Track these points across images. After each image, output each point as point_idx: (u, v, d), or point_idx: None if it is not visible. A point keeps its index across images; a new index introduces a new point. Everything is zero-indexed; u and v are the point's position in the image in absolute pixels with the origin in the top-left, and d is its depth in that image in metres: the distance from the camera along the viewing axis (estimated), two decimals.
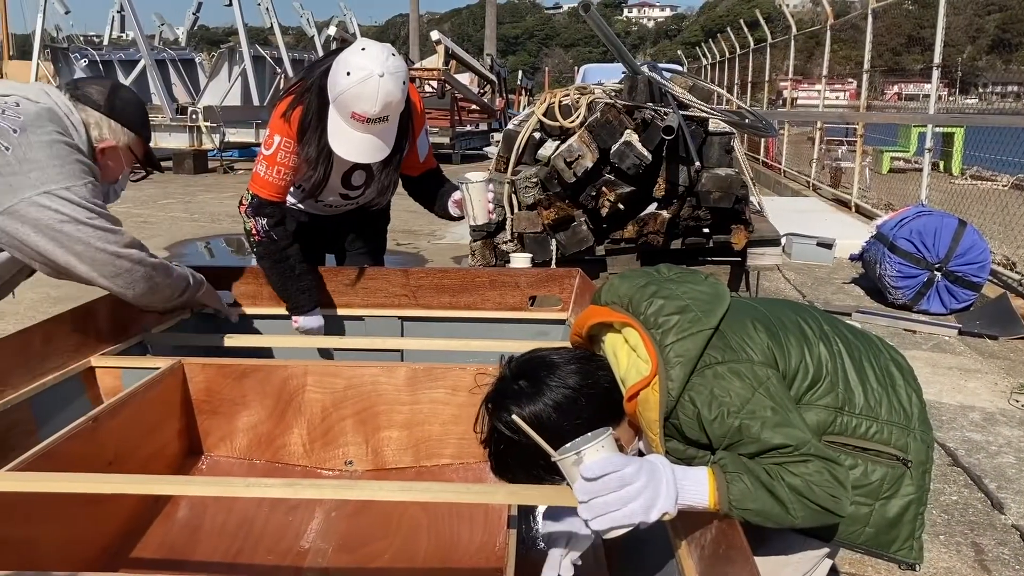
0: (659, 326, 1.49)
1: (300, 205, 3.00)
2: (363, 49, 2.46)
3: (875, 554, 1.62)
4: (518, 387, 1.56)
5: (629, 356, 1.54)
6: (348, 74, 2.41)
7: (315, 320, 2.79)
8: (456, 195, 2.85)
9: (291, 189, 2.93)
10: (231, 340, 2.65)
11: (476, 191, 2.75)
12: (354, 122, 2.47)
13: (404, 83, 2.47)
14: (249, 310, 2.88)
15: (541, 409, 1.51)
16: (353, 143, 2.51)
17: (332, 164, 2.65)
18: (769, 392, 1.42)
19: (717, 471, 1.35)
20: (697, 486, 1.34)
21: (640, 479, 1.29)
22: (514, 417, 1.46)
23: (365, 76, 2.38)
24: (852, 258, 7.28)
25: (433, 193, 2.98)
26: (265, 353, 2.72)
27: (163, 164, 15.91)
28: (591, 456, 1.31)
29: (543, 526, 1.74)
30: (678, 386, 1.44)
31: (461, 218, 2.90)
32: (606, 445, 1.32)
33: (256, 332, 2.81)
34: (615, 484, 1.28)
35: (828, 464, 1.37)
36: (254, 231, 2.70)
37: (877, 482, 1.55)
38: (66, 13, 17.67)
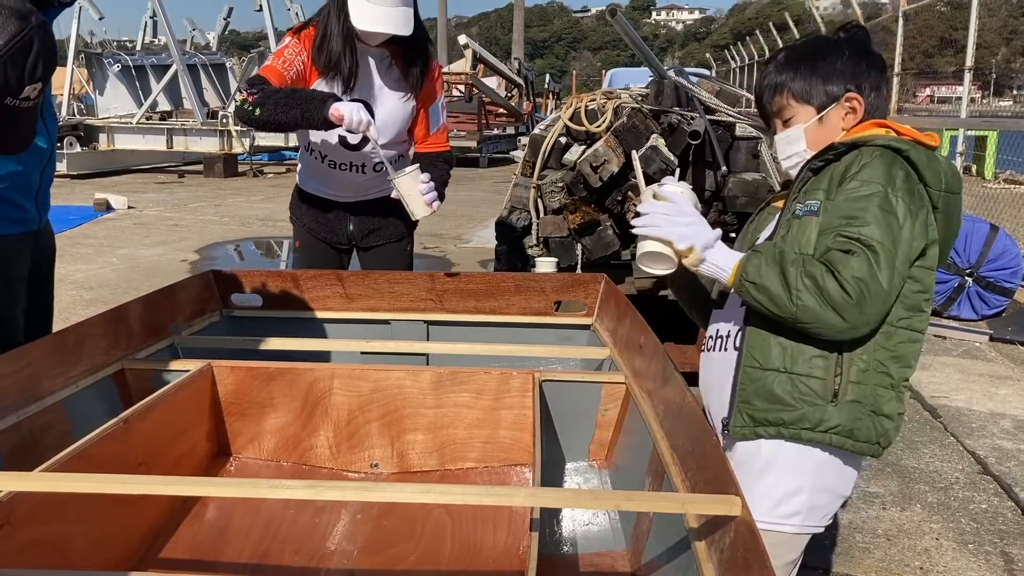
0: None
1: (321, 188, 3.07)
2: None
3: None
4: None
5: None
6: None
7: (350, 103, 2.60)
8: (393, 192, 2.76)
9: (308, 177, 3.05)
10: (259, 343, 2.68)
11: (405, 183, 2.66)
12: None
13: None
14: (277, 313, 2.92)
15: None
16: (375, 14, 2.62)
17: (357, 59, 2.75)
18: (909, 220, 1.49)
19: (748, 253, 1.56)
20: (728, 259, 1.57)
21: (691, 217, 1.59)
22: None
23: None
24: None
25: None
26: (293, 356, 2.75)
27: (193, 168, 16.13)
28: (669, 187, 1.65)
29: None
30: (908, 148, 1.53)
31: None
32: (685, 190, 1.66)
33: (284, 335, 2.84)
34: (670, 210, 1.60)
35: (874, 269, 1.44)
36: (247, 95, 2.63)
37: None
38: (100, 19, 17.87)
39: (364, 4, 2.64)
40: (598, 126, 4.48)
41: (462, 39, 20.09)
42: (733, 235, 4.46)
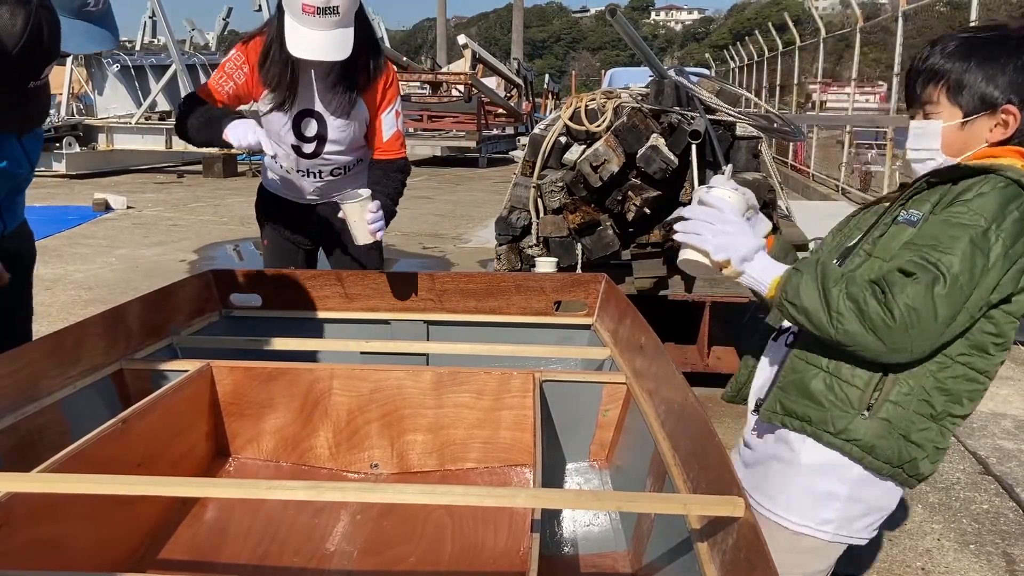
0: None
1: (282, 190, 3.08)
2: None
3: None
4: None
5: None
6: None
7: (240, 124, 2.60)
8: (340, 214, 2.71)
9: (272, 174, 3.06)
10: (258, 343, 2.68)
11: (352, 211, 2.62)
12: (306, 17, 2.52)
13: None
14: (276, 313, 2.91)
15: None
16: (308, 40, 2.56)
17: (296, 80, 2.71)
18: (1008, 267, 1.41)
19: (790, 269, 1.50)
20: (771, 269, 1.52)
21: (732, 227, 1.53)
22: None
23: None
24: None
25: (370, 185, 2.84)
26: (292, 356, 2.74)
27: (193, 168, 16.11)
28: (716, 191, 1.58)
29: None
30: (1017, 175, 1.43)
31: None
32: (734, 195, 1.58)
33: (283, 335, 2.83)
34: (713, 218, 1.54)
35: (932, 300, 1.36)
36: (177, 112, 2.78)
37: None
38: None
39: (298, 28, 2.58)
40: (598, 126, 4.47)
41: (461, 39, 20.10)
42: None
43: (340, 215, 2.71)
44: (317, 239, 3.21)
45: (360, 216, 2.63)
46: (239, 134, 2.58)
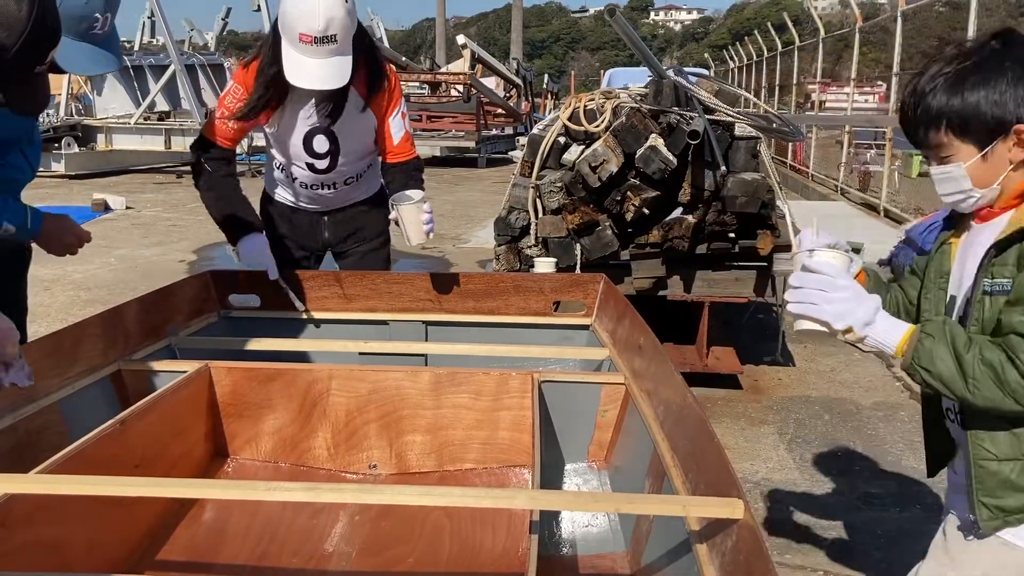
0: None
1: (290, 196, 3.05)
2: None
3: None
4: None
5: None
6: None
7: (253, 243, 2.75)
8: (392, 213, 2.78)
9: (276, 183, 3.04)
10: (257, 344, 2.67)
11: (408, 212, 2.69)
12: (303, 45, 2.50)
13: (347, 1, 2.50)
14: (275, 314, 2.91)
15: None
16: (306, 70, 2.54)
17: (284, 102, 2.69)
18: None
19: (917, 329, 1.48)
20: (893, 330, 1.49)
21: (846, 292, 1.49)
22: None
23: None
24: (881, 263, 7.17)
25: (395, 190, 2.89)
26: (291, 357, 2.74)
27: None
28: (820, 256, 1.53)
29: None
30: None
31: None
32: (838, 256, 1.54)
33: (282, 336, 2.83)
34: (824, 285, 1.50)
35: None
36: (195, 164, 2.79)
37: None
38: None
39: (296, 57, 2.54)
40: (597, 126, 4.47)
41: (460, 39, 20.11)
42: (732, 234, 4.49)
43: (392, 216, 2.78)
44: (327, 245, 3.20)
45: (416, 217, 2.69)
46: (249, 256, 2.77)
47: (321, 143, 2.80)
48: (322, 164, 2.87)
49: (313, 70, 2.53)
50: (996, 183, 1.50)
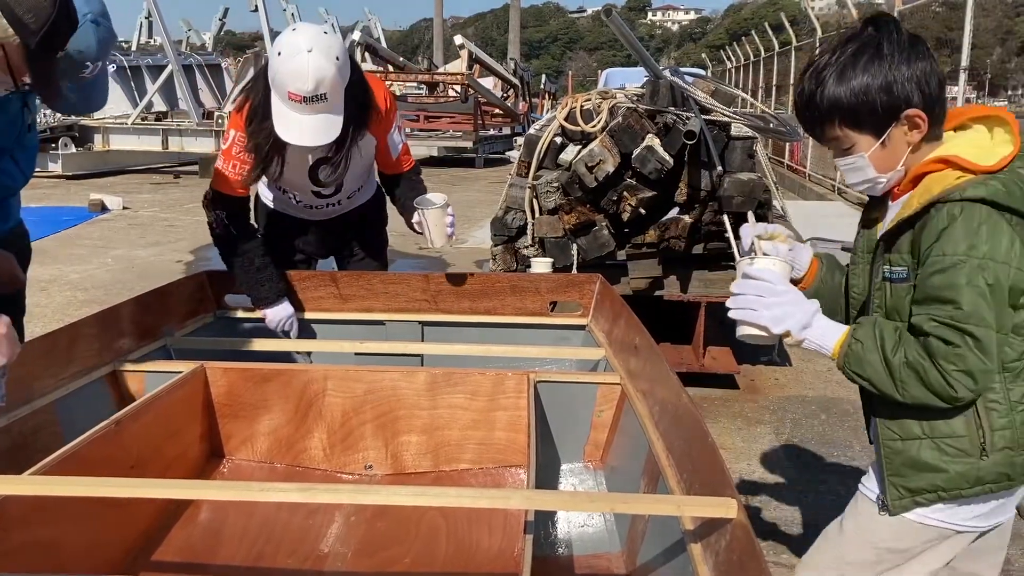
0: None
1: (290, 211, 3.02)
2: (294, 29, 2.46)
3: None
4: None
5: (980, 148, 1.51)
6: (279, 54, 2.41)
7: (283, 311, 2.79)
8: (415, 216, 2.80)
9: (271, 193, 2.98)
10: (252, 344, 2.67)
11: (433, 216, 2.72)
12: (293, 103, 2.45)
13: (338, 59, 2.43)
14: None
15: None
16: (296, 127, 2.49)
17: (283, 152, 2.63)
18: (1007, 274, 1.43)
19: (849, 334, 1.51)
20: (830, 333, 1.53)
21: (784, 297, 1.53)
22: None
23: (294, 53, 2.38)
24: None
25: (404, 198, 2.92)
26: (286, 357, 2.74)
27: (189, 168, 16.09)
28: (759, 263, 1.57)
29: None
30: (983, 194, 1.42)
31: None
32: (777, 262, 1.57)
33: (277, 336, 2.83)
34: (763, 291, 1.53)
35: (975, 356, 1.39)
36: (213, 224, 2.74)
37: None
38: None
39: (286, 112, 2.48)
40: (593, 126, 4.47)
41: (458, 40, 20.11)
42: (729, 235, 4.49)
43: (415, 219, 2.80)
44: (330, 249, 3.20)
45: (440, 220, 2.73)
46: (275, 321, 2.79)
47: (326, 172, 2.78)
48: (328, 190, 2.88)
49: (303, 126, 2.48)
50: (899, 165, 1.55)
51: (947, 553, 1.63)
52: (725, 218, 4.02)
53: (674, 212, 4.54)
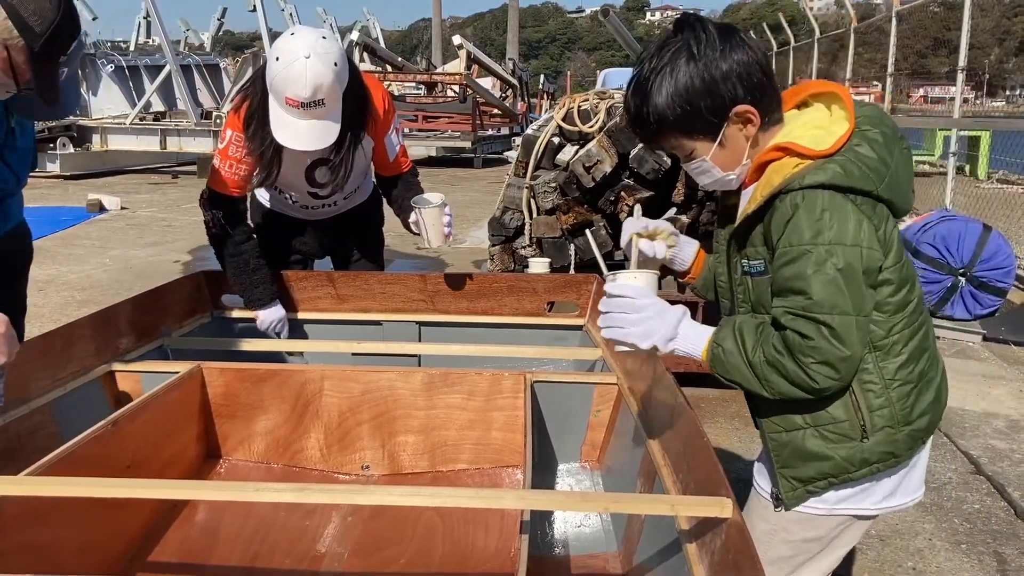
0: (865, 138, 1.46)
1: (286, 211, 3.02)
2: (292, 34, 2.46)
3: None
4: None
5: (818, 128, 1.50)
6: (277, 59, 2.41)
7: (275, 313, 2.79)
8: (412, 216, 2.79)
9: (267, 193, 2.98)
10: (249, 345, 2.67)
11: (430, 215, 2.71)
12: (290, 108, 2.45)
13: (336, 64, 2.42)
14: None
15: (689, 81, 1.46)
16: (293, 130, 2.49)
17: (281, 155, 2.63)
18: (858, 256, 1.41)
19: (712, 339, 1.52)
20: (696, 339, 1.54)
21: (646, 312, 1.53)
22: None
23: (292, 59, 2.37)
24: None
25: (401, 199, 2.92)
26: (283, 358, 2.74)
27: (187, 168, 16.08)
28: (621, 279, 1.57)
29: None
30: (823, 179, 1.41)
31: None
32: (641, 278, 1.57)
33: (274, 337, 2.83)
34: (627, 308, 1.54)
35: (831, 345, 1.39)
36: (209, 223, 2.74)
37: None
38: (93, 19, 17.83)
39: (283, 116, 2.48)
40: (591, 126, 4.47)
41: (456, 40, 20.09)
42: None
43: (412, 219, 2.78)
44: (327, 249, 3.20)
45: (437, 219, 2.71)
46: (267, 322, 2.79)
47: (323, 173, 2.78)
48: (325, 191, 2.88)
49: (300, 130, 2.48)
50: (744, 159, 1.54)
51: (858, 535, 1.66)
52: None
53: (671, 212, 4.54)
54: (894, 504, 1.62)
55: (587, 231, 4.35)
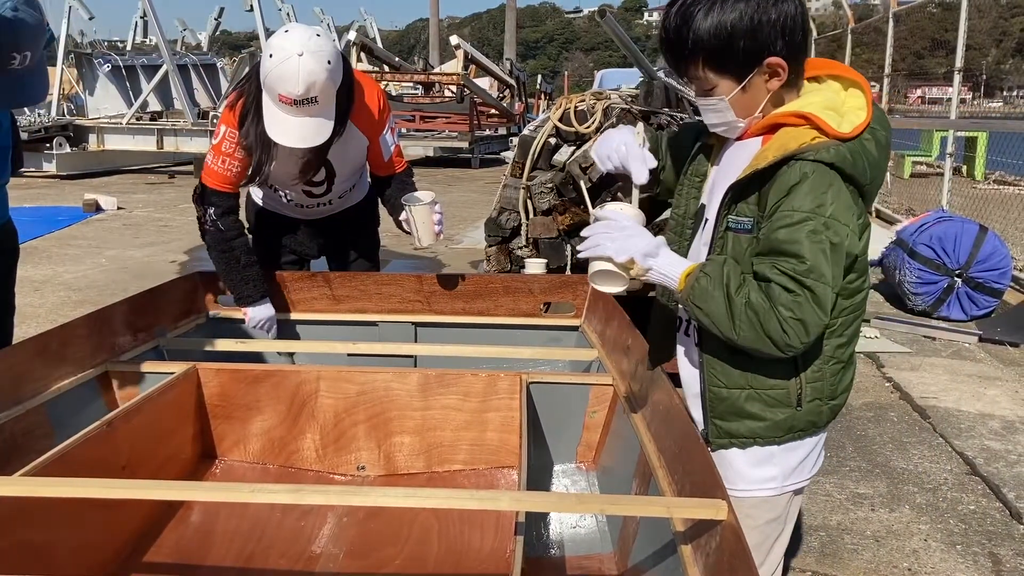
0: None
1: (281, 209, 3.02)
2: (286, 31, 2.46)
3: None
4: None
5: (832, 109, 1.52)
6: (271, 56, 2.41)
7: (264, 311, 2.79)
8: (403, 215, 2.79)
9: (262, 191, 2.98)
10: (245, 345, 2.67)
11: (420, 213, 2.71)
12: (283, 105, 2.46)
13: (329, 63, 2.43)
14: None
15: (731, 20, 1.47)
16: (286, 127, 2.49)
17: (274, 152, 2.63)
18: (847, 235, 1.46)
19: (698, 268, 1.52)
20: (674, 267, 1.55)
21: (628, 230, 1.56)
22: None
23: (285, 56, 2.38)
24: (872, 264, 7.22)
25: (394, 199, 2.92)
26: (279, 358, 2.74)
27: (184, 168, 16.06)
28: (609, 206, 1.63)
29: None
30: (835, 159, 1.45)
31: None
32: (626, 207, 1.63)
33: (268, 338, 2.83)
34: (611, 228, 1.56)
35: (812, 308, 1.43)
36: (202, 219, 2.74)
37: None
38: (90, 19, 17.76)
39: (276, 113, 2.50)
40: (588, 127, 4.47)
41: (454, 40, 20.07)
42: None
43: (403, 217, 2.79)
44: (322, 249, 3.20)
45: (428, 218, 2.71)
46: (255, 320, 2.78)
47: (319, 173, 2.79)
48: (319, 189, 2.88)
49: (293, 128, 2.49)
50: (758, 111, 1.55)
51: (798, 507, 1.76)
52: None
53: (667, 213, 4.54)
54: (815, 473, 1.72)
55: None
